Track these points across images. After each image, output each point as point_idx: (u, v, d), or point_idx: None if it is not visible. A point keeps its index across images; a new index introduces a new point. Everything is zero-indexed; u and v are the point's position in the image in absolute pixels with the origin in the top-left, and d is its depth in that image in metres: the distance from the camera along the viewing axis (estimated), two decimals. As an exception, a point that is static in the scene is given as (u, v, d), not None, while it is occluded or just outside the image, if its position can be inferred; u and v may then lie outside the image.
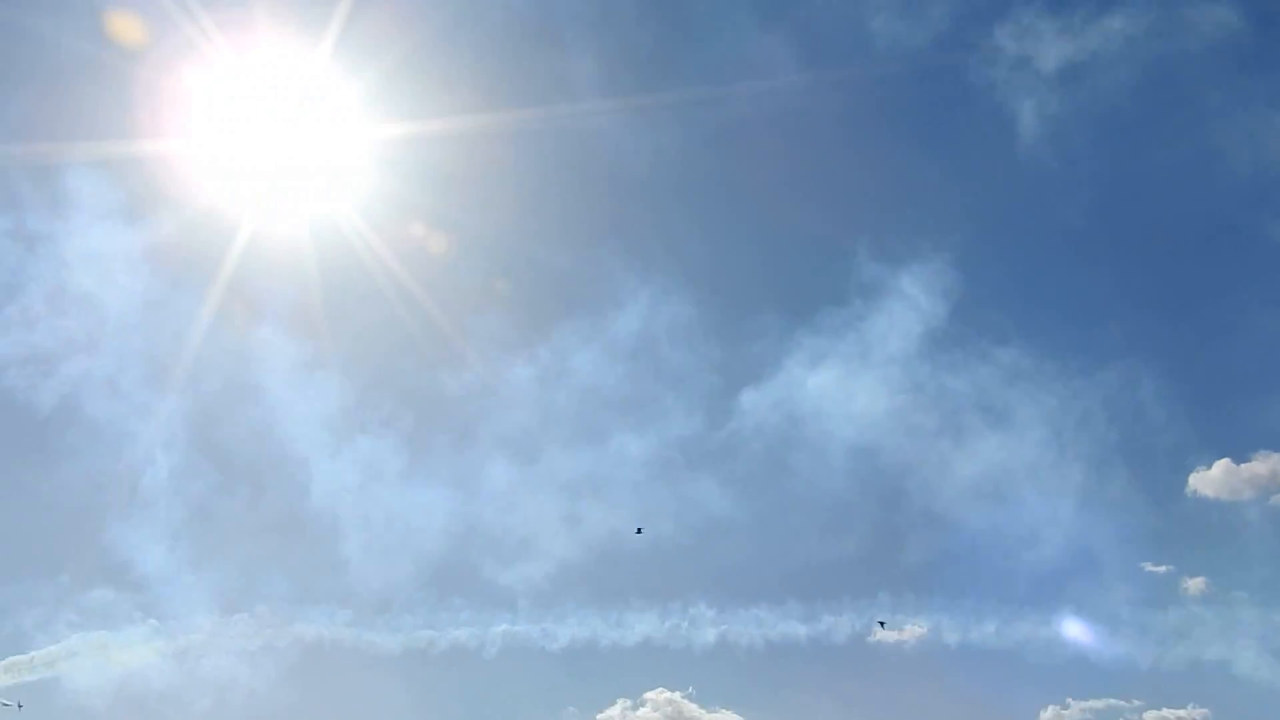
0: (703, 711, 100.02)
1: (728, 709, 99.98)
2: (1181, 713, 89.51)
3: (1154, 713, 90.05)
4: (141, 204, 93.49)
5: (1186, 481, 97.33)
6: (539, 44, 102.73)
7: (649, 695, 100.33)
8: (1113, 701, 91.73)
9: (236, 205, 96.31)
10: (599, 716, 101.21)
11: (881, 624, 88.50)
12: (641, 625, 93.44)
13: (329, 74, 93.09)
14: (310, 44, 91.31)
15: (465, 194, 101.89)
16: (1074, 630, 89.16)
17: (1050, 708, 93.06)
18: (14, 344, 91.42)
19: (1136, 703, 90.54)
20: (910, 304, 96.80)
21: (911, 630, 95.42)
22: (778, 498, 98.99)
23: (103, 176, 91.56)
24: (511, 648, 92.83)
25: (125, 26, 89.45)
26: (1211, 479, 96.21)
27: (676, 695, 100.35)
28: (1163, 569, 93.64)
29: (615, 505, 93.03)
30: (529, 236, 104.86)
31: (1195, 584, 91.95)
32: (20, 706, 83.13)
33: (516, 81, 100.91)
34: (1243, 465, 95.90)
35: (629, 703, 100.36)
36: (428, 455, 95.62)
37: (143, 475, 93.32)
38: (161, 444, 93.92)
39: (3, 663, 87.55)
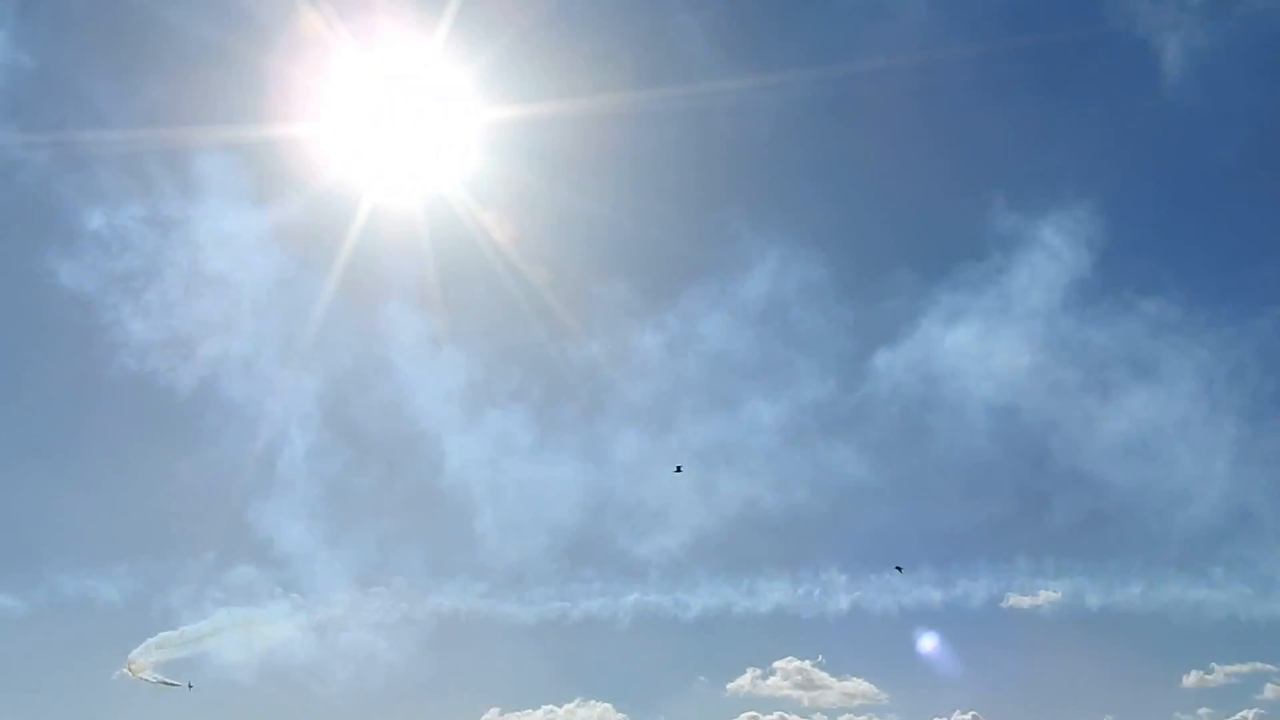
0: (833, 679, 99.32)
1: (858, 677, 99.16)
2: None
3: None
4: (268, 186, 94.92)
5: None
6: (653, 23, 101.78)
7: (778, 664, 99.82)
8: (1259, 665, 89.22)
9: (356, 187, 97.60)
10: (729, 686, 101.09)
11: (899, 569, 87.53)
12: (773, 594, 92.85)
13: (445, 57, 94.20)
14: (427, 29, 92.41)
15: (581, 172, 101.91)
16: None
17: (1193, 672, 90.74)
18: (154, 328, 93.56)
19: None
20: (1051, 255, 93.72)
21: (1045, 595, 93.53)
22: (914, 461, 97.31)
23: (231, 160, 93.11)
24: (643, 618, 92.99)
25: (250, 14, 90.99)
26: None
27: (806, 664, 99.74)
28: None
29: (748, 473, 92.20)
30: (649, 205, 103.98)
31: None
32: (190, 687, 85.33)
33: (631, 62, 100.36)
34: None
35: (758, 672, 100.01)
36: (557, 427, 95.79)
37: (279, 454, 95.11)
38: (296, 422, 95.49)
39: (155, 639, 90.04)
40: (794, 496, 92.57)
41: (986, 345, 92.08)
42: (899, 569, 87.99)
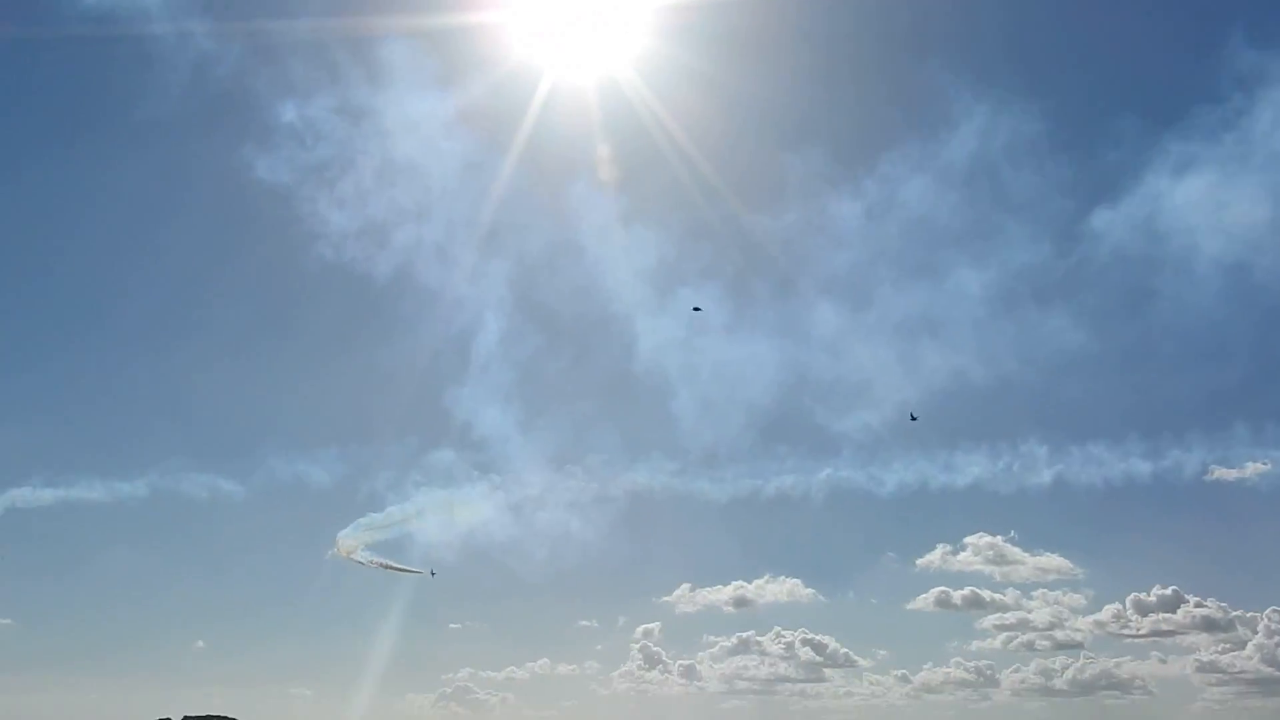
0: (1025, 554, 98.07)
1: (1053, 552, 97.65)
2: None
3: None
4: (450, 71, 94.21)
5: None
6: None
7: (969, 540, 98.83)
8: None
9: (535, 70, 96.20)
10: (918, 562, 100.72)
11: (913, 417, 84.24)
12: (971, 468, 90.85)
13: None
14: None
15: (761, 52, 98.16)
16: None
17: None
18: (350, 217, 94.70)
19: None
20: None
21: (1254, 467, 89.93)
22: (1135, 326, 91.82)
23: (414, 47, 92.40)
24: (838, 493, 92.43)
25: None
26: None
27: (998, 539, 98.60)
28: None
29: (953, 345, 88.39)
30: (838, 76, 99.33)
31: None
32: (434, 574, 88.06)
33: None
34: None
35: (949, 548, 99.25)
36: (752, 304, 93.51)
37: (474, 339, 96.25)
38: (490, 307, 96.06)
39: (363, 520, 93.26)
40: (1001, 368, 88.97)
41: (1220, 197, 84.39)
42: (913, 417, 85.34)
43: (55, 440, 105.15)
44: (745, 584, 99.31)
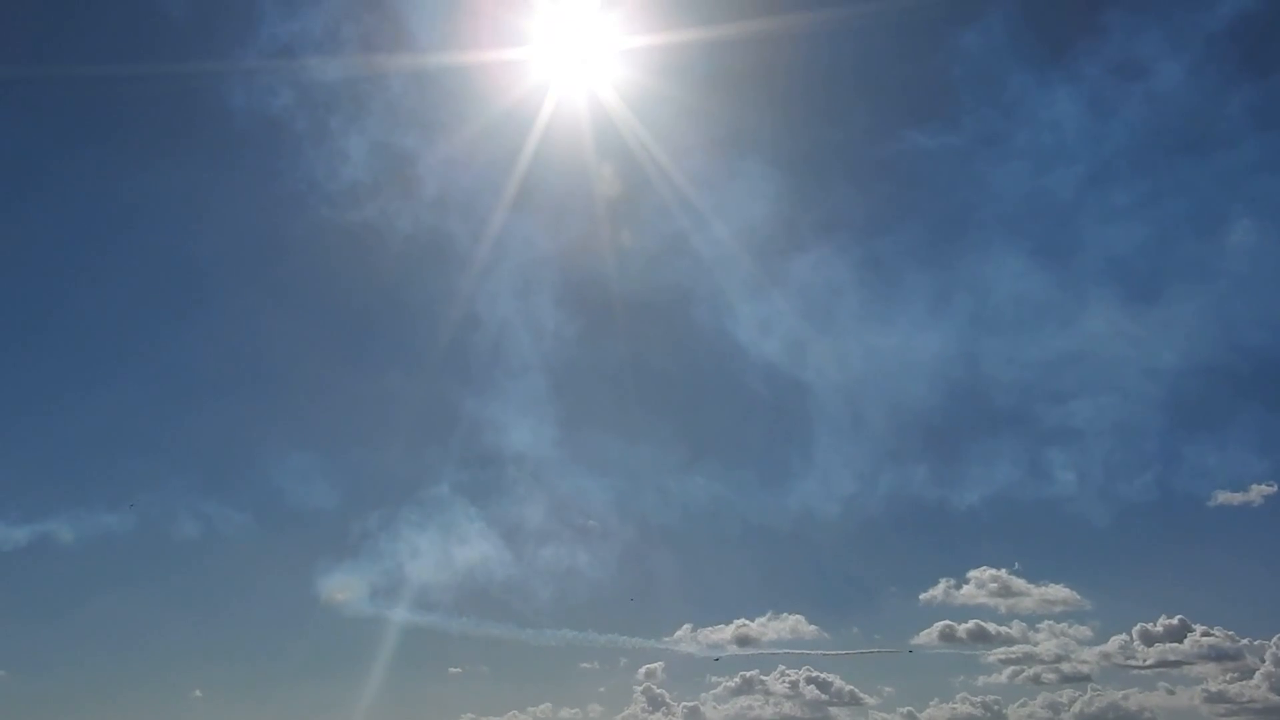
0: (1030, 586, 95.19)
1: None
2: None
3: None
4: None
5: None
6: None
7: (972, 574, 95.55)
8: None
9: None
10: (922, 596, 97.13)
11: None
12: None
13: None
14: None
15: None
16: None
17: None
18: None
19: None
20: None
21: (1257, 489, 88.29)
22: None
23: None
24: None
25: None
26: None
27: (1002, 573, 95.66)
28: None
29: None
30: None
31: None
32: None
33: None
34: None
35: (952, 582, 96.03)
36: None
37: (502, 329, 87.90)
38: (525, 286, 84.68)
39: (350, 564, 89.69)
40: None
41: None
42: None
43: (25, 468, 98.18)
44: (748, 622, 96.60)
